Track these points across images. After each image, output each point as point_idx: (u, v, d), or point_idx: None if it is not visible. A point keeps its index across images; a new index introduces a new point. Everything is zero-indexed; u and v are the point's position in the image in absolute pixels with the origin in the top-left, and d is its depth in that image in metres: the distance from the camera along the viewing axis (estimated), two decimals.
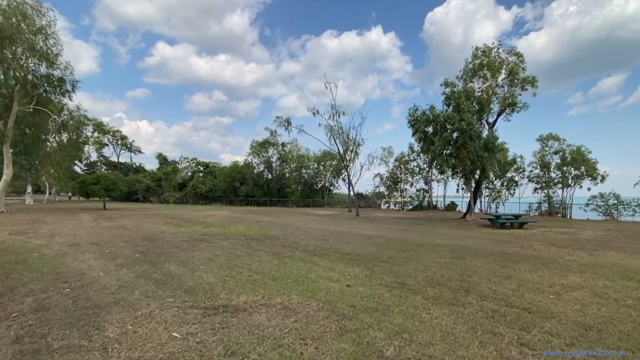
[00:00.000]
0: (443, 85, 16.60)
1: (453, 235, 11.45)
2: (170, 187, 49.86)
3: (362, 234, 11.25)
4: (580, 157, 23.91)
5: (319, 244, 8.50)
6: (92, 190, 25.23)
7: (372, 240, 9.45)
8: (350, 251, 7.50)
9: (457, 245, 8.84)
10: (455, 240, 9.95)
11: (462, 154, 15.13)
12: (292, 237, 9.99)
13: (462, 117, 14.46)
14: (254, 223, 14.82)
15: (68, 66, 21.58)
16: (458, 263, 6.37)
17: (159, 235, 9.85)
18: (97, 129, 50.45)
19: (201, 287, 4.50)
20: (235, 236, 9.86)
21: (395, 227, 14.40)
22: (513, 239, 10.62)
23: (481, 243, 9.36)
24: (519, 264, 6.45)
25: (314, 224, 14.79)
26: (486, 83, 17.25)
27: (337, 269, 5.72)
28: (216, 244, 8.26)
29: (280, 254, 7.08)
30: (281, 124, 21.05)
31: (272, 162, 42.40)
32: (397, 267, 5.88)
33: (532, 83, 16.80)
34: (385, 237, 10.24)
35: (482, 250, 7.95)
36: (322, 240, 9.35)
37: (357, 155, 26.81)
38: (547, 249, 8.43)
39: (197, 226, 12.83)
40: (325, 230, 12.07)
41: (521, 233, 12.47)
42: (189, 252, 7.19)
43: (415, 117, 16.41)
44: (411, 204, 34.76)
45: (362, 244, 8.64)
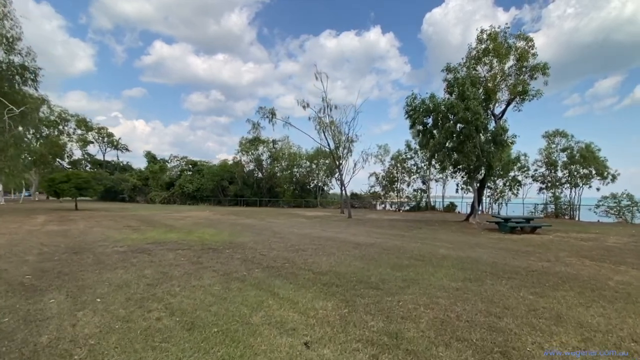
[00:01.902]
0: (444, 70, 14.79)
1: (458, 242, 9.63)
2: (157, 187, 47.70)
3: (350, 240, 9.38)
4: (591, 155, 22.23)
5: (292, 257, 6.61)
6: (62, 189, 23.16)
7: (361, 251, 7.58)
8: (328, 269, 5.62)
9: (466, 257, 7.00)
10: (462, 249, 8.11)
11: (466, 148, 13.29)
12: (263, 246, 8.09)
13: (467, 106, 12.61)
14: (229, 227, 12.90)
15: (30, 52, 19.51)
16: (476, 290, 4.52)
17: (96, 244, 7.91)
18: (79, 125, 48.04)
19: (52, 353, 2.60)
20: (190, 245, 7.94)
21: (390, 231, 12.56)
22: (531, 247, 8.82)
23: (496, 254, 7.53)
24: (559, 290, 4.62)
25: (297, 228, 12.90)
26: (492, 70, 15.47)
27: (300, 303, 3.84)
28: (156, 258, 6.35)
29: (232, 274, 5.19)
30: (265, 116, 19.18)
31: (262, 160, 40.43)
32: (390, 300, 4.01)
33: (543, 71, 15.01)
34: (378, 246, 8.38)
35: (502, 266, 6.11)
36: (298, 251, 7.46)
37: (350, 153, 24.93)
38: (580, 264, 6.62)
39: (157, 231, 10.89)
40: (308, 237, 10.19)
41: (537, 239, 10.68)
42: (109, 271, 5.28)
43: (414, 107, 14.51)
44: (408, 204, 32.95)
45: (346, 257, 6.77)
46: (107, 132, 56.93)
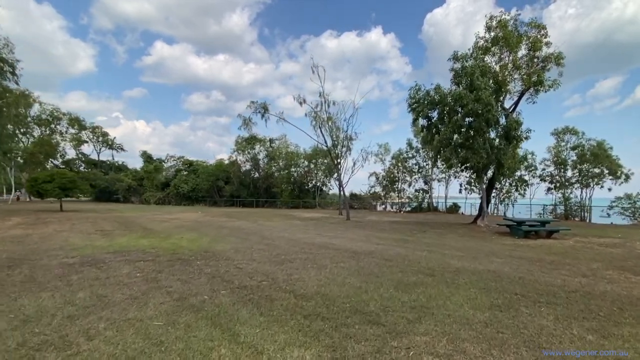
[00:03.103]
0: (451, 59, 13.52)
1: (470, 249, 8.44)
2: (152, 187, 46.53)
3: (346, 248, 8.20)
4: (603, 153, 21.01)
5: (273, 272, 5.43)
6: (45, 190, 21.98)
7: (358, 262, 6.40)
8: (315, 290, 4.43)
9: (485, 271, 5.81)
10: (477, 259, 6.92)
11: (476, 144, 12.08)
12: (243, 255, 6.90)
13: (477, 97, 11.41)
14: (214, 230, 11.72)
15: (8, 43, 18.39)
16: (512, 325, 3.32)
17: (46, 254, 6.73)
18: (72, 124, 46.81)
19: None
20: (158, 255, 6.76)
21: (392, 235, 11.38)
22: (554, 256, 7.64)
23: (518, 266, 6.34)
24: (622, 324, 3.44)
25: (289, 232, 11.71)
26: (501, 61, 14.27)
27: (266, 353, 2.65)
28: (105, 273, 5.17)
29: (189, 298, 4.01)
30: (256, 111, 17.96)
31: (259, 159, 39.22)
32: (396, 345, 2.82)
33: (557, 61, 13.81)
34: (378, 255, 7.20)
35: (532, 284, 4.93)
36: (284, 262, 6.28)
37: (349, 151, 23.76)
38: (625, 279, 5.44)
39: (130, 236, 9.71)
40: (299, 243, 9.01)
41: (557, 246, 9.50)
42: (32, 293, 4.11)
43: (417, 99, 13.32)
44: (409, 205, 31.76)
45: (340, 271, 5.58)
46: (101, 131, 55.79)
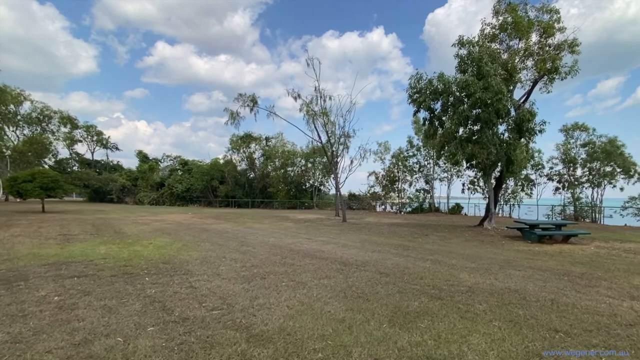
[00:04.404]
0: (456, 44, 12.24)
1: (481, 258, 7.23)
2: (146, 187, 45.37)
3: (336, 257, 6.99)
4: (615, 150, 19.75)
5: (232, 295, 4.23)
6: (26, 190, 20.75)
7: (347, 277, 5.19)
8: (278, 326, 3.22)
9: (506, 290, 4.60)
10: (493, 272, 5.71)
11: (485, 137, 10.83)
12: (208, 267, 5.70)
13: (486, 84, 10.18)
14: (193, 234, 10.52)
15: None
16: None
17: None
18: (64, 122, 45.57)
19: None
20: (104, 268, 5.56)
21: (391, 240, 10.17)
22: (582, 267, 6.44)
23: (544, 282, 5.14)
24: None
25: (276, 236, 10.51)
26: (510, 49, 13.03)
27: None
28: (7, 299, 3.98)
29: (93, 342, 2.80)
30: (245, 104, 16.71)
31: (254, 158, 38.02)
32: None
33: (571, 48, 12.56)
34: (372, 267, 5.99)
35: (573, 313, 3.72)
36: (254, 278, 5.07)
37: (346, 149, 22.56)
38: None
39: (92, 242, 8.52)
40: (282, 250, 7.81)
41: (578, 253, 8.28)
42: None
43: (418, 89, 12.07)
44: (410, 205, 30.50)
45: (321, 292, 4.38)
46: (95, 130, 54.61)
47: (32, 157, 39.13)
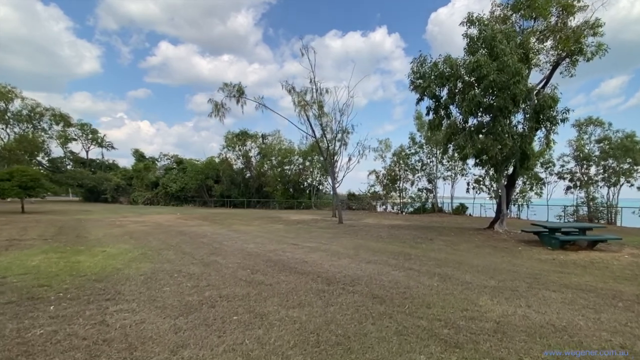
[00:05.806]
0: (464, 23, 10.68)
1: (500, 271, 5.85)
2: (141, 186, 44.21)
3: (321, 270, 5.65)
4: (634, 146, 18.27)
5: (152, 339, 2.89)
6: (3, 188, 19.55)
7: (326, 308, 3.85)
8: None
9: (550, 329, 3.24)
10: (521, 294, 4.34)
11: (499, 127, 9.39)
12: (145, 289, 4.36)
13: (501, 65, 8.73)
14: (162, 239, 9.20)
15: None
16: None
17: None
18: (56, 120, 44.36)
19: None
20: (4, 290, 4.24)
21: (390, 246, 8.81)
22: (630, 284, 5.08)
23: (596, 312, 3.77)
24: None
25: (257, 242, 9.16)
26: (523, 33, 11.61)
27: None
28: None
29: None
30: (231, 94, 15.32)
31: (250, 157, 36.69)
32: None
33: (594, 30, 11.12)
34: (364, 288, 4.64)
35: None
36: (193, 311, 3.74)
37: (345, 146, 21.21)
38: None
39: (36, 249, 7.20)
40: (256, 261, 6.46)
41: (613, 263, 6.90)
42: None
43: (422, 73, 10.64)
44: (412, 205, 29.08)
45: (285, 334, 3.04)
46: (90, 128, 53.50)
47: (22, 156, 38.00)
